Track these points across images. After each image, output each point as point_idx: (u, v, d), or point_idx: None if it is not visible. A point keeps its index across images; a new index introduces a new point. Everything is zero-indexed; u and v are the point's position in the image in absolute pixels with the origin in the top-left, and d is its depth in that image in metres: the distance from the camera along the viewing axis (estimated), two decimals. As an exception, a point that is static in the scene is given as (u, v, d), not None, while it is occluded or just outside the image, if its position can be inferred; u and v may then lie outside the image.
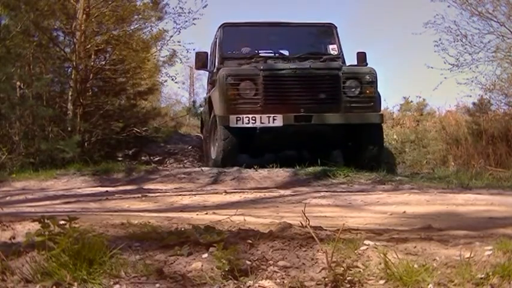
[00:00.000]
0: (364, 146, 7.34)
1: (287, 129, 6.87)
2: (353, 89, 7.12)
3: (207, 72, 9.55)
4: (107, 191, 5.41)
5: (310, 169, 6.52)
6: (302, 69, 7.12)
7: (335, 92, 7.08)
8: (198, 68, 8.60)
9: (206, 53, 8.45)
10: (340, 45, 8.29)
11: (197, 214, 3.43)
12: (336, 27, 8.43)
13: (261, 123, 6.76)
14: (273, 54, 8.32)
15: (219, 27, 8.23)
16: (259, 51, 8.21)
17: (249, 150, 7.71)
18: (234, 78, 6.97)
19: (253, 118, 6.75)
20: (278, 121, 6.78)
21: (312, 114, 6.93)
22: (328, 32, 8.40)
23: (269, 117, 6.76)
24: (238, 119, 6.74)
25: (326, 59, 7.69)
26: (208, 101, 7.89)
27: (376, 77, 7.25)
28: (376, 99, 7.28)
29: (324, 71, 7.22)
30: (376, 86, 7.27)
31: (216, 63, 7.96)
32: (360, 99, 7.11)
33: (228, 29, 8.20)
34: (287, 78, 7.05)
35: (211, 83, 8.36)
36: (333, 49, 8.17)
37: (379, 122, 7.28)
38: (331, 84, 7.10)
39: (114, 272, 1.90)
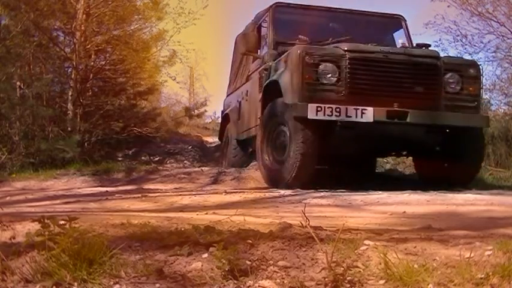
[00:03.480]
0: (460, 156, 5.97)
1: (374, 128, 5.51)
2: (453, 84, 5.85)
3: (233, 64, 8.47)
4: (106, 191, 5.41)
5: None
6: (396, 54, 5.78)
7: (434, 85, 5.76)
8: (244, 52, 7.05)
9: (256, 34, 7.02)
10: (411, 39, 7.22)
11: (197, 214, 3.43)
12: (406, 20, 7.33)
13: (347, 116, 5.35)
14: None
15: (270, 7, 7.01)
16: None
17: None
18: (314, 58, 5.58)
19: (338, 109, 5.34)
20: (368, 116, 5.39)
21: (408, 110, 5.55)
22: (396, 24, 7.33)
23: (357, 109, 5.37)
24: (319, 109, 5.32)
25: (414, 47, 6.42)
26: (265, 91, 6.26)
27: (481, 72, 6.12)
28: (480, 98, 6.13)
29: (422, 58, 5.83)
30: (481, 82, 6.15)
31: (267, 48, 6.69)
32: (462, 97, 5.86)
33: (281, 10, 7.00)
34: (378, 63, 5.67)
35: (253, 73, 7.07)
36: (402, 44, 7.08)
37: (485, 126, 6.18)
38: (430, 75, 5.78)
39: (114, 272, 1.90)
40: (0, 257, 1.95)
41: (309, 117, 5.31)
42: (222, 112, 8.83)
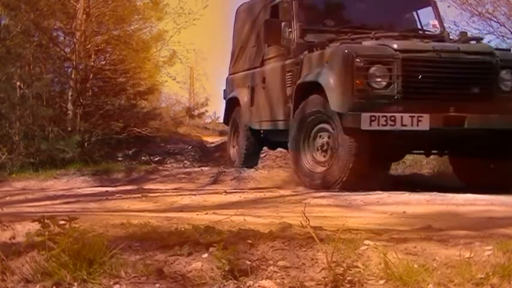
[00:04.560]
0: (507, 158, 5.50)
1: (429, 135, 5.12)
2: (508, 82, 5.33)
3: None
4: (107, 191, 5.41)
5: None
6: (450, 52, 5.24)
7: (490, 84, 5.24)
8: (270, 42, 6.33)
9: (280, 21, 6.18)
10: (442, 21, 6.74)
11: (197, 214, 3.43)
12: (435, 0, 6.78)
13: (402, 125, 4.89)
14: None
15: None
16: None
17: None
18: (364, 61, 5.03)
19: (392, 118, 4.88)
20: (424, 123, 4.92)
21: (465, 115, 5.07)
22: (424, 4, 6.70)
23: (412, 117, 4.91)
24: (373, 118, 4.85)
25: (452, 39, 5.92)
26: (299, 88, 5.65)
27: None
28: None
29: (478, 56, 5.30)
30: None
31: (295, 37, 6.01)
32: None
33: None
34: (431, 63, 5.16)
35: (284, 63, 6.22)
36: (433, 25, 6.54)
37: None
38: (486, 74, 5.26)
39: (114, 272, 1.90)
40: (0, 257, 1.95)
41: (362, 128, 4.87)
42: (225, 91, 8.11)
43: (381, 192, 4.90)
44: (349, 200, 4.48)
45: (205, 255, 2.01)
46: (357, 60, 5.00)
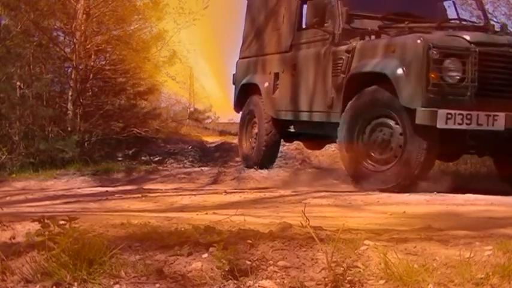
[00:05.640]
0: None
1: (500, 136, 4.85)
2: None
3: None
4: (107, 191, 5.41)
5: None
6: None
7: None
8: (312, 24, 5.73)
9: (326, 3, 5.69)
10: (485, 13, 6.51)
11: (197, 214, 3.43)
12: None
13: (478, 124, 4.60)
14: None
15: None
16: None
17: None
18: (440, 52, 4.67)
19: (469, 116, 4.58)
20: (499, 123, 4.63)
21: None
22: None
23: (488, 116, 4.61)
24: (449, 116, 4.55)
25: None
26: (351, 78, 5.26)
27: None
28: None
29: None
30: None
31: (340, 22, 5.60)
32: None
33: None
34: (506, 58, 4.86)
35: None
36: (477, 17, 6.27)
37: None
38: None
39: (114, 272, 1.90)
40: (0, 257, 1.95)
41: (438, 126, 4.55)
42: (234, 76, 7.59)
43: (380, 192, 4.91)
44: (349, 200, 4.48)
45: (205, 255, 2.01)
46: (433, 51, 4.64)
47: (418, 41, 4.75)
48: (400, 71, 4.78)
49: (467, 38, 4.84)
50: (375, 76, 4.99)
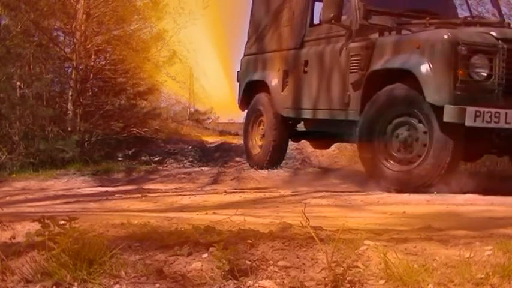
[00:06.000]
0: None
1: None
2: None
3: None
4: (106, 191, 5.41)
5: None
6: None
7: None
8: (329, 20, 5.41)
9: None
10: (500, 9, 6.44)
11: (197, 214, 3.43)
12: None
13: (506, 123, 4.51)
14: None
15: None
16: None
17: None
18: (468, 49, 4.56)
19: (497, 115, 4.47)
20: None
21: None
22: None
23: None
24: (478, 114, 4.44)
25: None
26: (371, 75, 5.13)
27: None
28: None
29: None
30: None
31: (357, 17, 5.45)
32: None
33: None
34: None
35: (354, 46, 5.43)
36: (492, 14, 6.29)
37: None
38: None
39: (114, 272, 1.90)
40: (0, 257, 1.95)
41: (466, 124, 4.42)
42: (238, 74, 7.43)
43: (380, 192, 4.91)
44: (349, 200, 4.48)
45: (205, 255, 2.01)
46: (462, 47, 4.52)
47: (446, 37, 4.62)
48: (426, 67, 4.64)
49: (494, 34, 4.71)
50: (397, 73, 4.88)
